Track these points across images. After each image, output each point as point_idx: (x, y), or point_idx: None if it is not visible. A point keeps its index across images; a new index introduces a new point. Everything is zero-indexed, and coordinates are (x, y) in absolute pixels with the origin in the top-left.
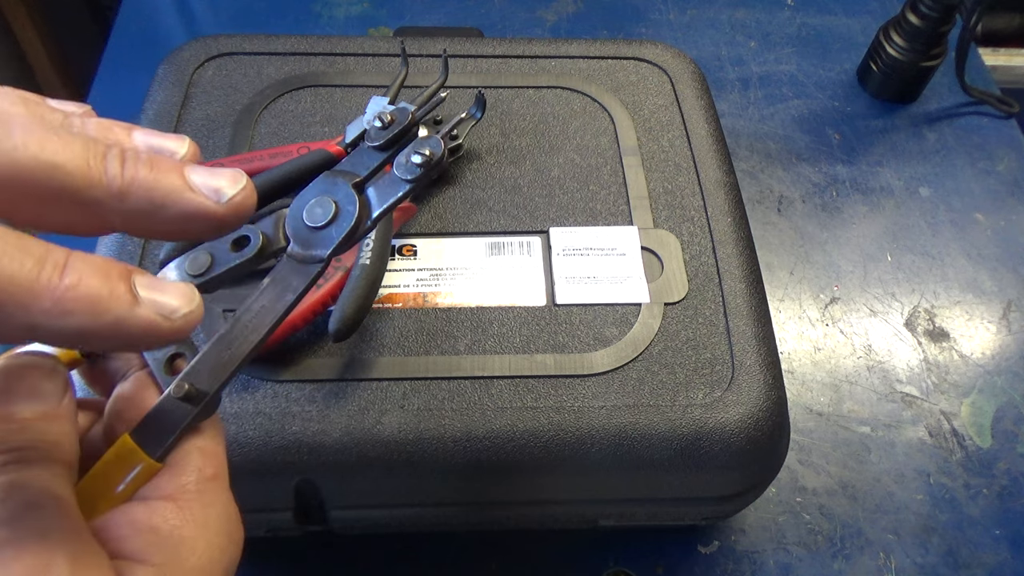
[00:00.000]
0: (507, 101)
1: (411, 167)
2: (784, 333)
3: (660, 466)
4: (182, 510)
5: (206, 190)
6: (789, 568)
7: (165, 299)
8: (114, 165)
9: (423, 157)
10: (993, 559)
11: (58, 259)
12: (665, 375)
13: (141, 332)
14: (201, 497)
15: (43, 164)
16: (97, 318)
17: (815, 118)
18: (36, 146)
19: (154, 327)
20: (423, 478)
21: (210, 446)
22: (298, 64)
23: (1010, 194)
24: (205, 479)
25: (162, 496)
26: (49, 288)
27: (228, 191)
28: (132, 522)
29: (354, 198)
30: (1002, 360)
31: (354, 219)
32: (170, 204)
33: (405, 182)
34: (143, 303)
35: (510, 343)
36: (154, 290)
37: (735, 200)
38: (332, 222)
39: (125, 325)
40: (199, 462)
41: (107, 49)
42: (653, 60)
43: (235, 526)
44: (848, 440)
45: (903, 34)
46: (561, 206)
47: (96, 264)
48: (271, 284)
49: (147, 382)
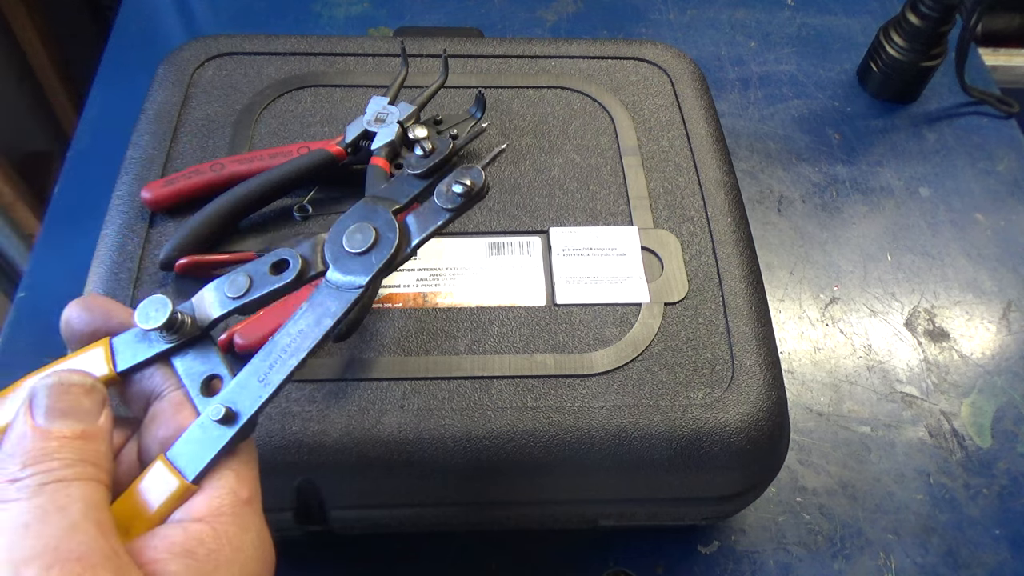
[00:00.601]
0: (507, 101)
1: (452, 196)
2: (784, 333)
3: (660, 466)
4: (218, 533)
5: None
6: (789, 568)
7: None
8: None
9: (464, 187)
10: (993, 559)
11: None
12: (665, 375)
13: None
14: (236, 521)
15: None
16: None
17: (815, 118)
18: None
19: None
20: (423, 478)
21: (245, 469)
22: (298, 64)
23: (1010, 194)
24: (240, 502)
25: (197, 519)
26: None
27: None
28: (169, 545)
29: (394, 225)
30: (1002, 360)
31: (394, 246)
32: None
33: (445, 211)
34: None
35: (510, 343)
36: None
37: (735, 200)
38: (372, 248)
39: None
40: (234, 485)
41: (107, 49)
42: (653, 60)
43: (269, 551)
44: (848, 440)
45: (903, 34)
46: (561, 206)
47: None
48: (309, 308)
49: (183, 402)
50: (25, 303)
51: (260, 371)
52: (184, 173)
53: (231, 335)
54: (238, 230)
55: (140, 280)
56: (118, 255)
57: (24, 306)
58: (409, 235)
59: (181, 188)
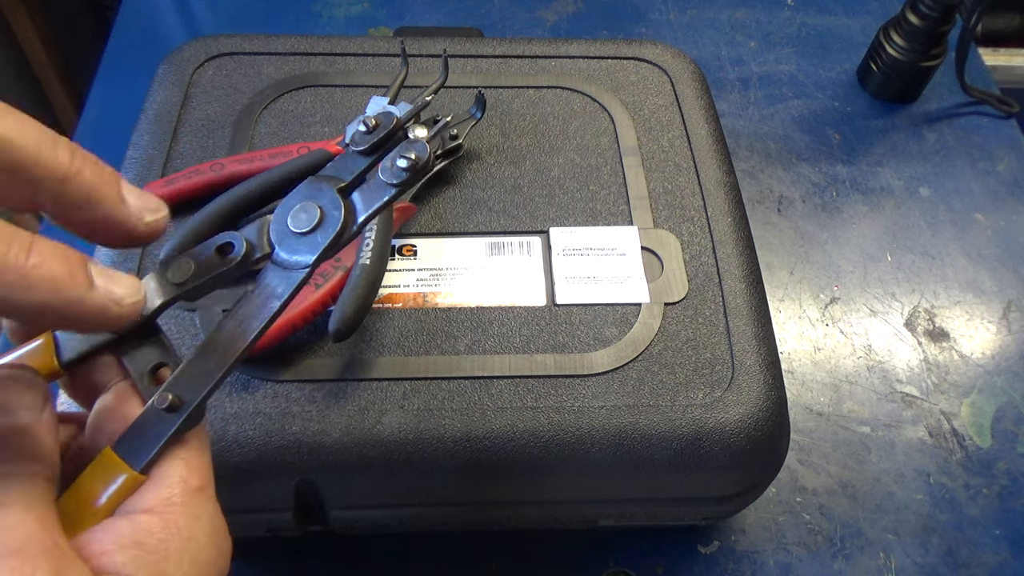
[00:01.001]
0: (507, 101)
1: (396, 171)
2: (784, 333)
3: (660, 466)
4: (167, 523)
5: (133, 207)
6: (789, 568)
7: (115, 287)
8: (64, 153)
9: (408, 161)
10: (993, 559)
11: (24, 241)
12: (665, 375)
13: (93, 313)
14: (187, 509)
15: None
16: (56, 296)
17: (815, 118)
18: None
19: (105, 310)
20: (423, 478)
21: (195, 457)
22: (298, 64)
23: (1010, 194)
24: (191, 491)
25: (146, 509)
26: (16, 264)
27: (149, 215)
28: (116, 537)
29: (339, 203)
30: (1002, 360)
31: (339, 224)
32: (100, 206)
33: (391, 186)
34: (97, 288)
35: (510, 343)
36: (107, 278)
37: (735, 200)
38: (317, 228)
39: (80, 305)
40: (184, 473)
41: (107, 49)
42: (653, 60)
43: (222, 538)
44: (848, 440)
45: (903, 34)
46: (561, 206)
47: (58, 249)
48: (256, 291)
49: (130, 393)
50: None
51: (207, 357)
52: (184, 173)
53: None
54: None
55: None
56: (118, 255)
57: None
58: (355, 212)
59: (181, 188)
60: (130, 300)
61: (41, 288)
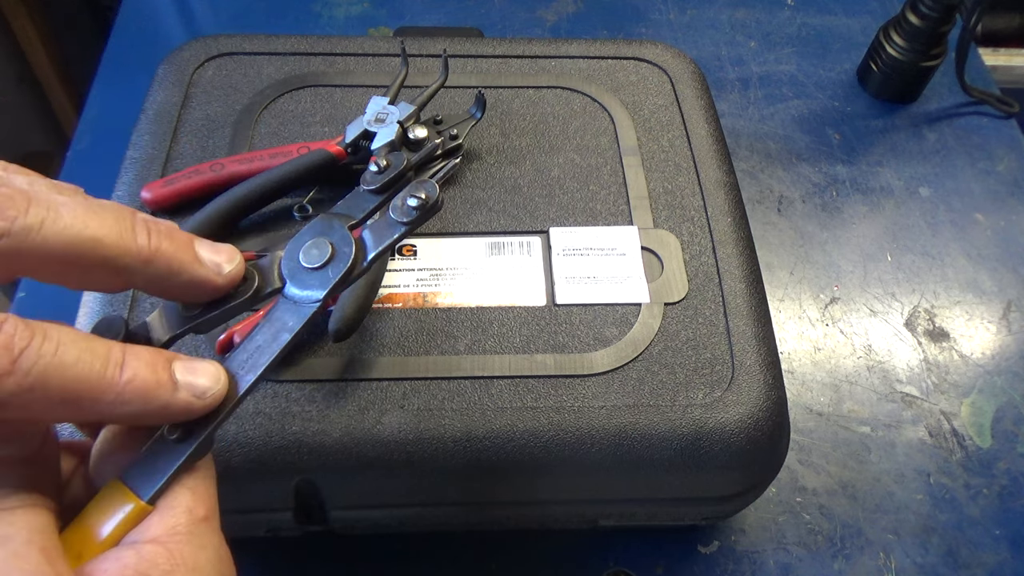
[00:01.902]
0: (507, 101)
1: (407, 210)
2: (784, 333)
3: (660, 466)
4: (172, 554)
5: (210, 264)
6: (789, 568)
7: (198, 381)
8: (142, 236)
9: (419, 200)
10: (993, 559)
11: (117, 358)
12: (665, 375)
13: (180, 411)
14: (192, 539)
15: (87, 239)
16: (147, 405)
17: (815, 118)
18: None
19: (190, 406)
20: (423, 478)
21: (202, 487)
22: (298, 64)
23: (1010, 194)
24: (196, 521)
25: (152, 539)
26: (112, 384)
27: (226, 266)
28: (121, 568)
29: (350, 240)
30: (1002, 360)
31: (350, 261)
32: (183, 273)
33: (401, 224)
34: (181, 387)
35: (510, 343)
36: (189, 374)
37: (735, 200)
38: (328, 263)
39: (168, 408)
40: (190, 503)
41: (107, 49)
42: (653, 60)
43: (227, 567)
44: (848, 440)
45: (903, 34)
46: (561, 206)
47: (145, 358)
48: (266, 324)
49: None
50: (25, 303)
51: None
52: (184, 173)
53: (230, 335)
54: (238, 230)
55: None
56: None
57: (24, 306)
58: (365, 249)
59: (181, 188)
60: (212, 392)
61: (134, 402)
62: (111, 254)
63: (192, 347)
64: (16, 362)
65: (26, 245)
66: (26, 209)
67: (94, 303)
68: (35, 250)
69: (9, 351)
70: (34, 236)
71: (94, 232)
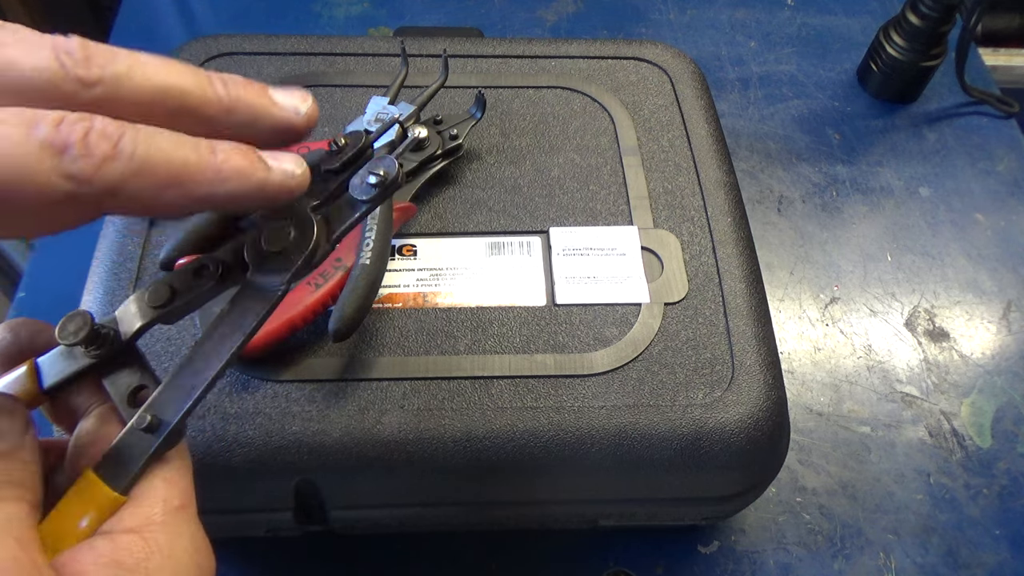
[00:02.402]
0: (507, 101)
1: (366, 188)
2: (784, 333)
3: (660, 466)
4: (147, 542)
5: (288, 106)
6: (789, 568)
7: (285, 164)
8: (220, 87)
9: (378, 177)
10: (993, 559)
11: (205, 143)
12: (665, 375)
13: (276, 189)
14: (167, 528)
15: (174, 88)
16: (245, 182)
17: (815, 118)
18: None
19: (285, 184)
20: (423, 478)
21: (176, 476)
22: (298, 64)
23: (1010, 194)
24: (171, 510)
25: (127, 529)
26: (211, 164)
27: (302, 107)
28: (96, 556)
29: (311, 222)
30: (1002, 360)
31: (312, 243)
32: (263, 119)
33: (361, 203)
34: (273, 169)
35: (510, 343)
36: (276, 158)
37: (735, 200)
38: (291, 247)
39: (265, 185)
40: (165, 493)
41: None
42: (653, 60)
43: (204, 556)
44: (848, 440)
45: (903, 34)
46: (561, 206)
47: (232, 144)
48: (231, 310)
49: (110, 416)
50: (25, 303)
51: (184, 377)
52: None
53: None
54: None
55: (140, 280)
56: (118, 255)
57: (24, 306)
58: (328, 230)
59: None
60: (299, 171)
61: (234, 179)
62: (195, 103)
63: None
64: (117, 146)
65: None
66: (113, 58)
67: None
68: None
69: (107, 137)
70: (125, 83)
71: (177, 81)
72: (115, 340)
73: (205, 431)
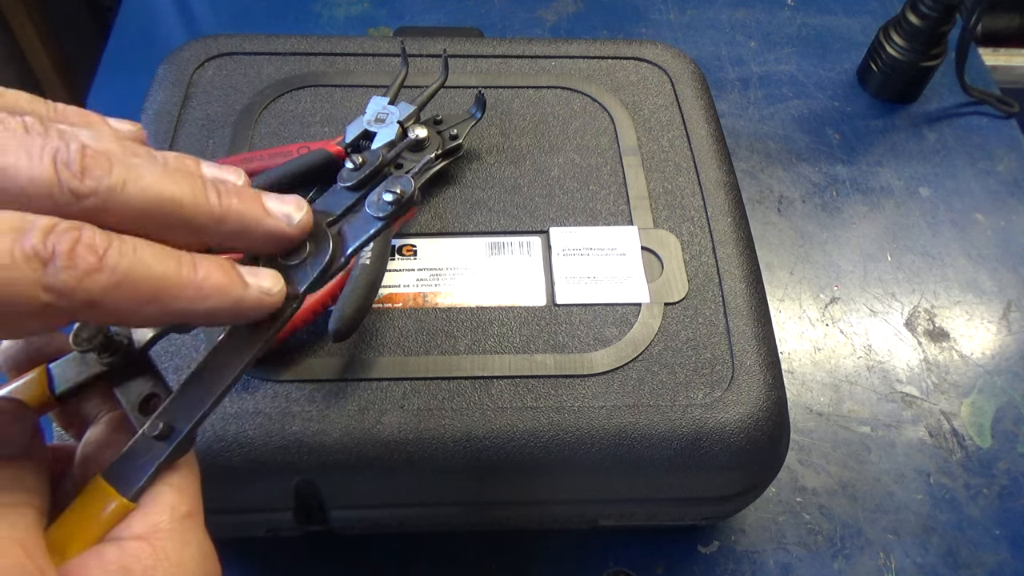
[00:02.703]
0: (507, 101)
1: (383, 205)
2: (784, 333)
3: (660, 466)
4: (155, 550)
5: (280, 215)
6: (789, 568)
7: (263, 282)
8: (213, 197)
9: (394, 195)
10: (993, 559)
11: (188, 259)
12: (665, 375)
13: (252, 306)
14: (175, 536)
15: (168, 200)
16: (224, 299)
17: (815, 118)
18: (160, 188)
19: (260, 302)
20: (423, 478)
21: (185, 484)
22: (298, 64)
23: (1010, 194)
24: (179, 517)
25: (135, 536)
26: (192, 280)
27: (296, 215)
28: (103, 563)
29: (328, 236)
30: (1002, 360)
31: (328, 256)
32: (255, 227)
33: (377, 219)
34: (250, 286)
35: (510, 343)
36: (253, 275)
37: (735, 200)
38: (307, 259)
39: (242, 303)
40: (173, 500)
41: (107, 49)
42: (653, 60)
43: (211, 564)
44: (848, 440)
45: (903, 34)
46: (561, 206)
47: (213, 260)
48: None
49: (120, 423)
50: None
51: (197, 386)
52: None
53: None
54: None
55: None
56: None
57: None
58: (343, 245)
59: None
60: (276, 289)
61: (214, 297)
62: (188, 214)
63: (177, 345)
64: (103, 259)
65: (111, 204)
66: (109, 169)
67: None
68: (118, 208)
69: (95, 250)
70: (118, 195)
71: (172, 193)
72: (128, 348)
73: (205, 431)
